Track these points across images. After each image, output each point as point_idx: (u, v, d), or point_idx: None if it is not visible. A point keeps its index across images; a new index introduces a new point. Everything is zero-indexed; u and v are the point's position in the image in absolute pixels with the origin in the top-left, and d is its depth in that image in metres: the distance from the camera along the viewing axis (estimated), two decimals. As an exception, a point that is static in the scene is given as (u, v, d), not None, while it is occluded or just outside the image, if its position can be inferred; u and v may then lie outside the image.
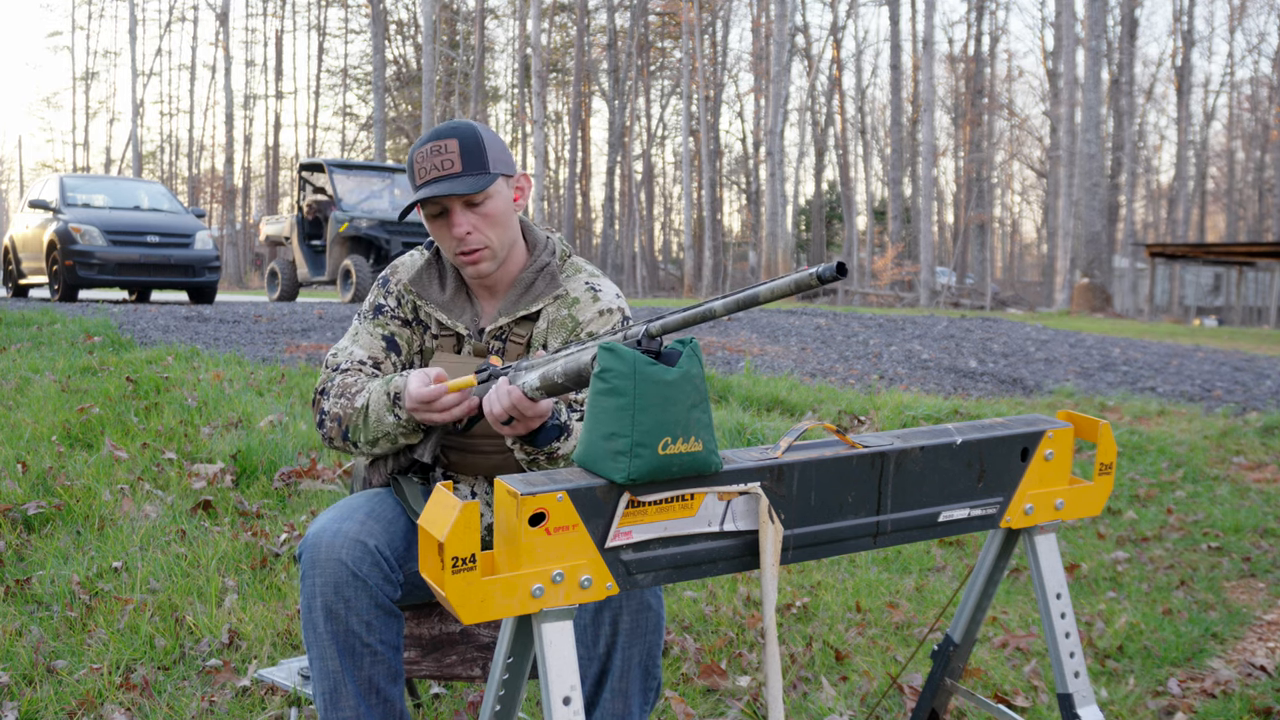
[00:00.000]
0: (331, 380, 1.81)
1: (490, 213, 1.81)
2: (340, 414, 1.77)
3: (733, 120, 78.68)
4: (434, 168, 1.77)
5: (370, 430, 1.74)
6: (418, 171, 1.79)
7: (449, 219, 1.80)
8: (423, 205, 1.81)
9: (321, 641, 1.65)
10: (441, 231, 1.83)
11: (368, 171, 15.15)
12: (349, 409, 1.76)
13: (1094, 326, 16.29)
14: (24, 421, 4.24)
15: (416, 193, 1.80)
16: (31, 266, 12.43)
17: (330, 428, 1.79)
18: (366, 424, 1.74)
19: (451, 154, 1.77)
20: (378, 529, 1.70)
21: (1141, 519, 4.57)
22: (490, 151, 1.80)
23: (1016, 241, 56.61)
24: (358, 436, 1.76)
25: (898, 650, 2.92)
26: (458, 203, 1.79)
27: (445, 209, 1.81)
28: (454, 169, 1.77)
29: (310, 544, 1.68)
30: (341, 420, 1.77)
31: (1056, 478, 1.55)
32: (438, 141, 1.78)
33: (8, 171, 61.49)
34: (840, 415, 5.86)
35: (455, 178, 1.77)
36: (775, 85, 26.03)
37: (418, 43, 42.07)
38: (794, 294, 1.21)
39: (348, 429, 1.76)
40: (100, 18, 60.30)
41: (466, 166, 1.77)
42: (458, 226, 1.79)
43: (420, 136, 1.84)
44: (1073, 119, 26.82)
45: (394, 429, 1.72)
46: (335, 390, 1.79)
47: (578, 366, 1.43)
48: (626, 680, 1.70)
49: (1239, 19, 43.51)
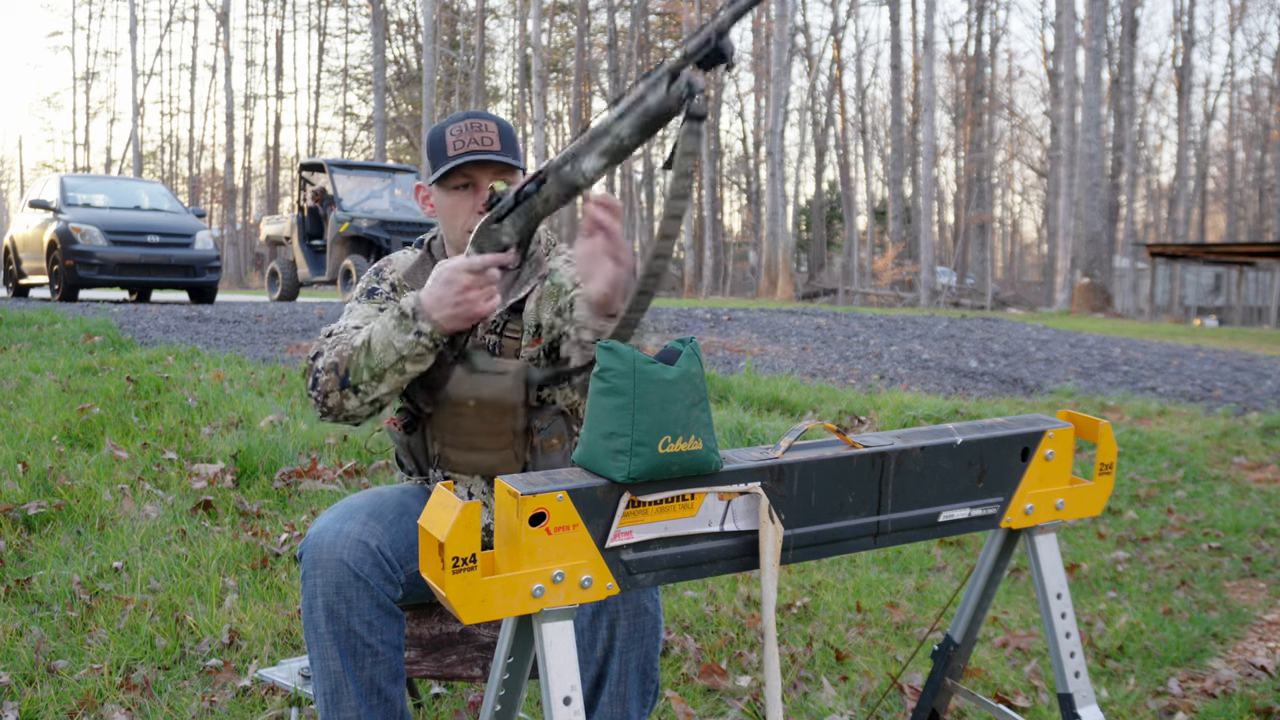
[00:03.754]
0: (325, 343, 1.75)
1: None
2: (337, 360, 1.68)
3: (733, 120, 78.62)
4: (474, 141, 1.79)
5: (375, 360, 1.64)
6: (452, 144, 1.79)
7: (476, 194, 1.81)
8: (449, 176, 1.81)
9: (323, 641, 1.65)
10: (461, 205, 1.82)
11: (368, 171, 15.15)
12: (346, 351, 1.68)
13: (1094, 326, 16.28)
14: (24, 421, 4.24)
15: (455, 159, 1.78)
16: (32, 266, 12.43)
17: (326, 380, 1.69)
18: (370, 355, 1.64)
19: (491, 133, 1.80)
20: (379, 529, 1.70)
21: (1142, 519, 4.57)
22: (519, 147, 1.85)
23: (1017, 241, 56.62)
24: (359, 377, 1.66)
25: (898, 650, 2.92)
26: (488, 178, 1.80)
27: (473, 184, 1.81)
28: (494, 146, 1.79)
29: (312, 544, 1.67)
30: (339, 366, 1.68)
31: (1057, 478, 1.55)
32: (477, 120, 1.81)
33: (8, 171, 61.59)
34: (841, 415, 5.85)
35: (497, 153, 1.79)
36: (775, 85, 26.03)
37: (418, 43, 42.08)
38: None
39: (347, 371, 1.67)
40: (100, 18, 60.37)
41: (504, 148, 1.81)
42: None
43: (446, 119, 1.84)
44: (1073, 119, 26.81)
45: (408, 349, 1.62)
46: (330, 345, 1.73)
47: (643, 108, 1.31)
48: (624, 684, 1.70)
49: (1239, 19, 43.53)
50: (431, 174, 1.83)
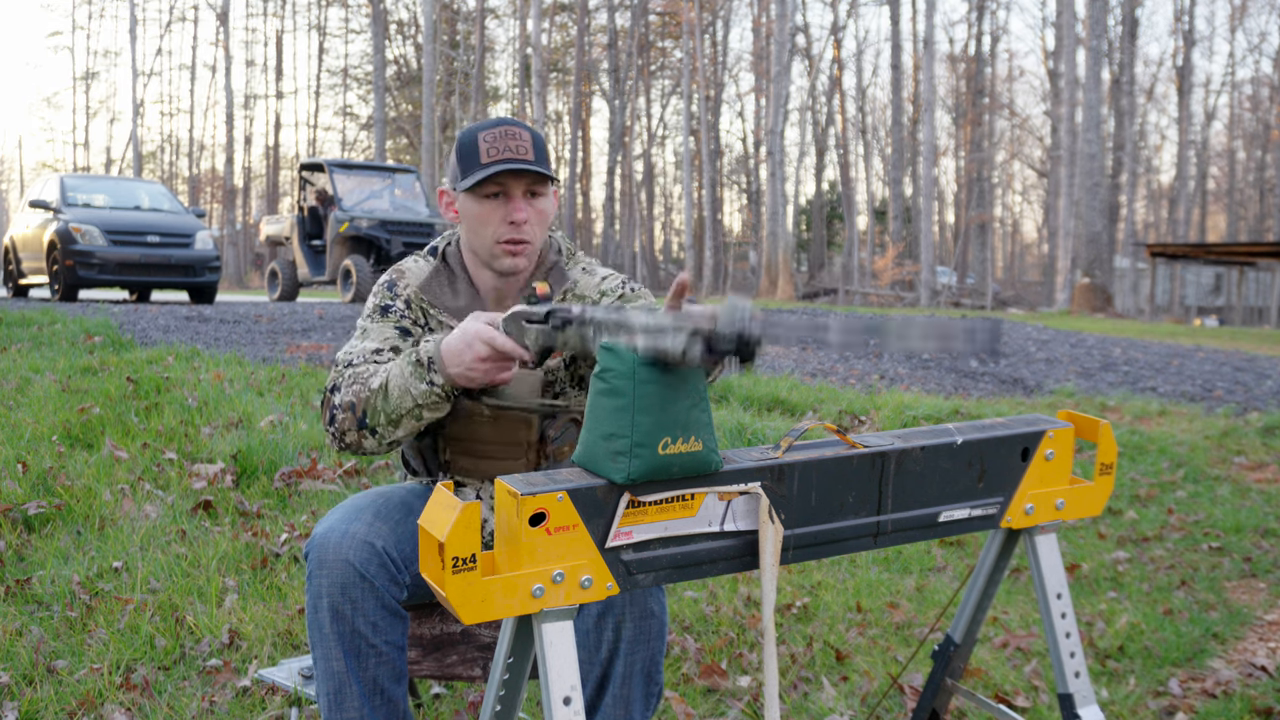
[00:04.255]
0: (342, 375, 1.72)
1: (544, 210, 1.81)
2: (354, 400, 1.67)
3: (733, 120, 78.75)
4: (508, 149, 1.75)
5: (392, 406, 1.63)
6: (486, 150, 1.75)
7: (509, 203, 1.78)
8: (482, 184, 1.78)
9: (327, 642, 1.65)
10: (492, 214, 1.78)
11: (368, 171, 15.16)
12: (364, 393, 1.66)
13: (1095, 326, 16.28)
14: (24, 421, 4.24)
15: (487, 169, 1.74)
16: (32, 266, 12.44)
17: (343, 419, 1.67)
18: (387, 400, 1.63)
19: (525, 142, 1.77)
20: (385, 529, 1.69)
21: (1142, 519, 4.56)
22: (549, 154, 1.82)
23: (1017, 241, 56.62)
24: (376, 420, 1.65)
25: (898, 650, 2.92)
26: (522, 188, 1.78)
27: (505, 193, 1.78)
28: (528, 155, 1.76)
29: (317, 544, 1.67)
30: (356, 406, 1.66)
31: (1057, 478, 1.55)
32: (510, 128, 1.77)
33: (8, 171, 61.55)
34: (841, 415, 5.85)
35: (531, 163, 1.76)
36: (776, 85, 26.03)
37: (418, 43, 42.07)
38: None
39: (364, 413, 1.66)
40: (100, 18, 60.20)
41: (538, 159, 1.77)
42: (520, 211, 1.77)
43: (475, 124, 1.81)
44: (1073, 119, 26.81)
45: (424, 398, 1.62)
46: (347, 381, 1.70)
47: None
48: (628, 687, 1.69)
49: (1240, 19, 43.52)
50: (461, 179, 1.78)
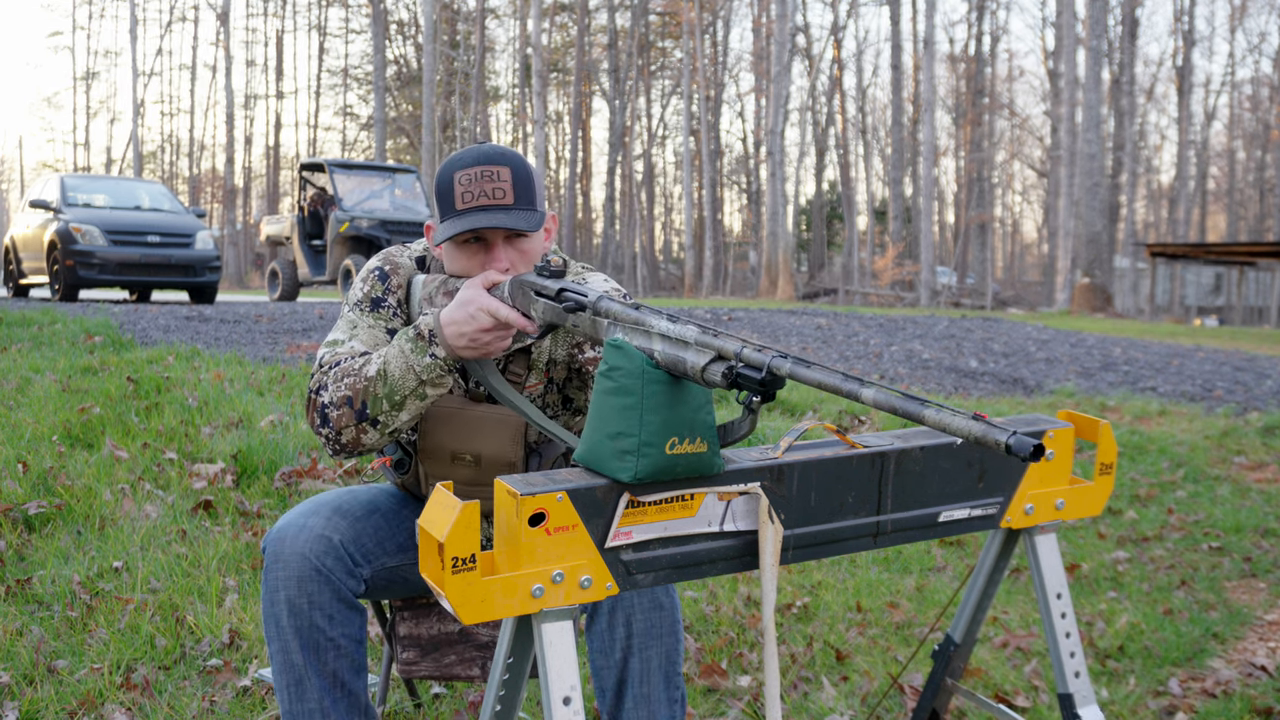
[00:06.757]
0: (327, 375, 1.62)
1: (528, 250, 1.69)
2: (349, 394, 1.58)
3: (733, 120, 78.74)
4: (484, 194, 1.62)
5: (394, 387, 1.55)
6: (461, 195, 1.63)
7: (487, 250, 1.66)
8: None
9: (284, 635, 1.66)
10: (471, 262, 1.67)
11: (368, 171, 15.15)
12: (359, 383, 1.57)
13: (1095, 326, 16.28)
14: (25, 421, 4.24)
15: (461, 219, 1.62)
16: (32, 266, 12.44)
17: (339, 416, 1.58)
18: (388, 383, 1.55)
19: (504, 183, 1.63)
20: (343, 524, 1.70)
21: (1142, 519, 4.56)
22: (537, 186, 1.68)
23: (1017, 241, 56.61)
24: (378, 408, 1.56)
25: (898, 650, 2.92)
26: (501, 235, 1.66)
27: (484, 239, 1.67)
28: (506, 199, 1.63)
29: (274, 539, 1.68)
30: (353, 399, 1.57)
31: (1057, 478, 1.55)
32: (488, 166, 1.63)
33: (8, 171, 61.57)
34: (841, 415, 5.85)
35: (508, 209, 1.63)
36: (776, 85, 26.03)
37: (418, 43, 42.08)
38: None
39: (364, 403, 1.57)
40: (100, 18, 60.30)
41: (518, 199, 1.64)
42: (499, 261, 1.65)
43: (459, 154, 1.67)
44: (1073, 119, 26.80)
45: (428, 372, 1.54)
46: (333, 379, 1.60)
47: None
48: (648, 686, 1.66)
49: (1240, 19, 43.51)
50: (440, 220, 1.67)
